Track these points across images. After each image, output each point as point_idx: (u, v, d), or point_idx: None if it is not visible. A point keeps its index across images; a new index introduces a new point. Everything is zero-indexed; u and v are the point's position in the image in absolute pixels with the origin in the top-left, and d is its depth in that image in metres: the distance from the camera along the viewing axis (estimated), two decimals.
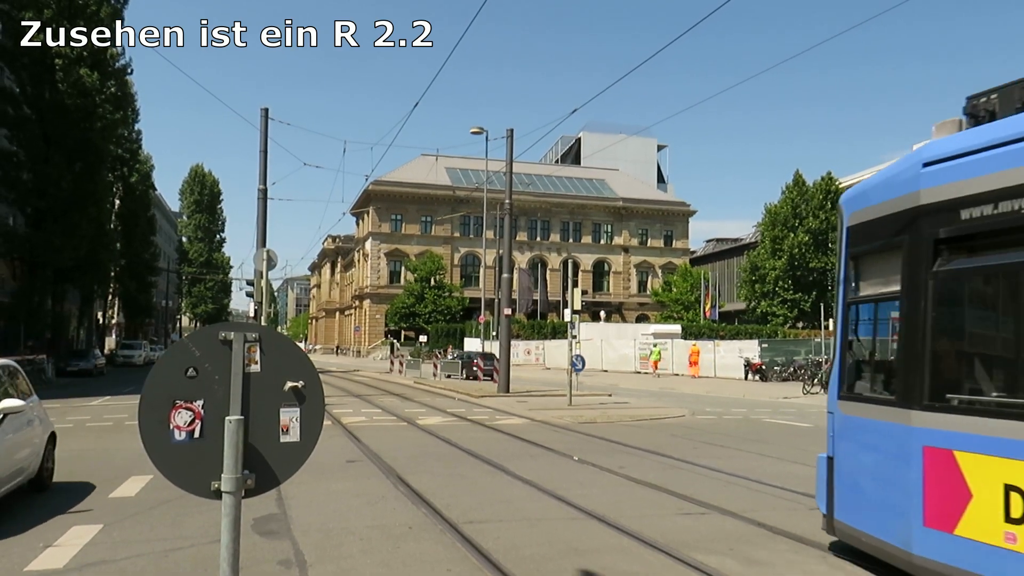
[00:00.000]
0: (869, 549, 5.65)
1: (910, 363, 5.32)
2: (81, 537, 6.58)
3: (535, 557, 6.15)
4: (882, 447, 5.60)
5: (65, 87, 34.90)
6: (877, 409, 5.69)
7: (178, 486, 3.21)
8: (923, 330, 5.23)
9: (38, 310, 38.49)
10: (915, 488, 5.08)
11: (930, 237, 5.21)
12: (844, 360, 6.26)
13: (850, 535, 5.88)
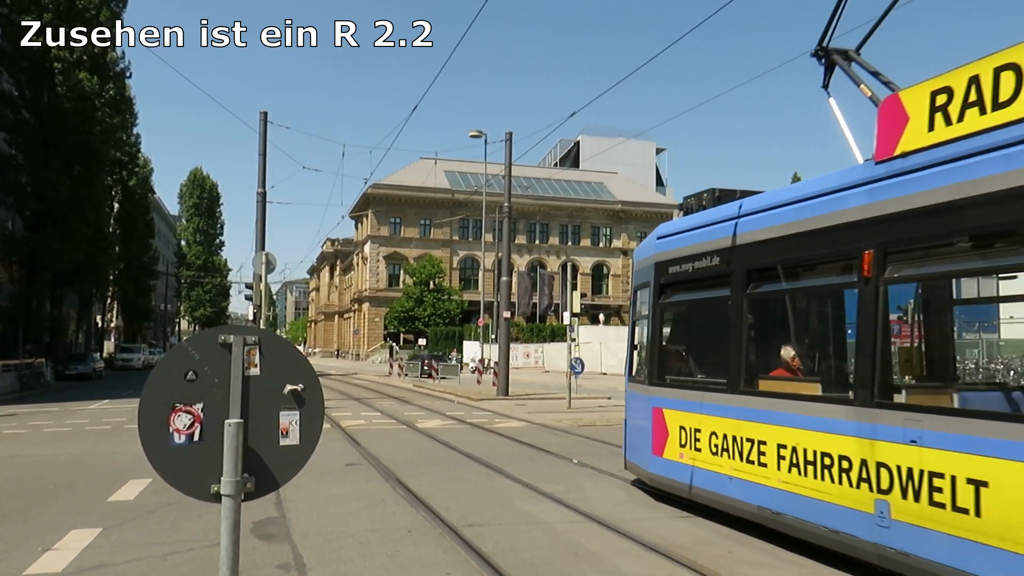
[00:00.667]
0: (634, 472, 9.37)
1: (650, 360, 8.94)
2: (80, 541, 6.57)
3: (535, 560, 6.14)
4: (639, 409, 9.09)
5: (64, 91, 34.91)
6: (639, 386, 9.20)
7: (177, 489, 3.21)
8: (653, 339, 8.97)
9: (37, 314, 38.46)
10: (648, 431, 8.63)
11: (657, 283, 8.78)
12: (629, 357, 9.86)
13: (630, 466, 9.45)
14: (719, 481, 7.43)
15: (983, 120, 5.09)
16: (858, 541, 5.72)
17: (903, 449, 5.40)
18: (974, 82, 5.22)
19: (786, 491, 6.52)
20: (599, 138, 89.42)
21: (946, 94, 5.43)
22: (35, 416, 19.04)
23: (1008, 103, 4.92)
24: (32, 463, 11.49)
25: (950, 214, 5.21)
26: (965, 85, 5.28)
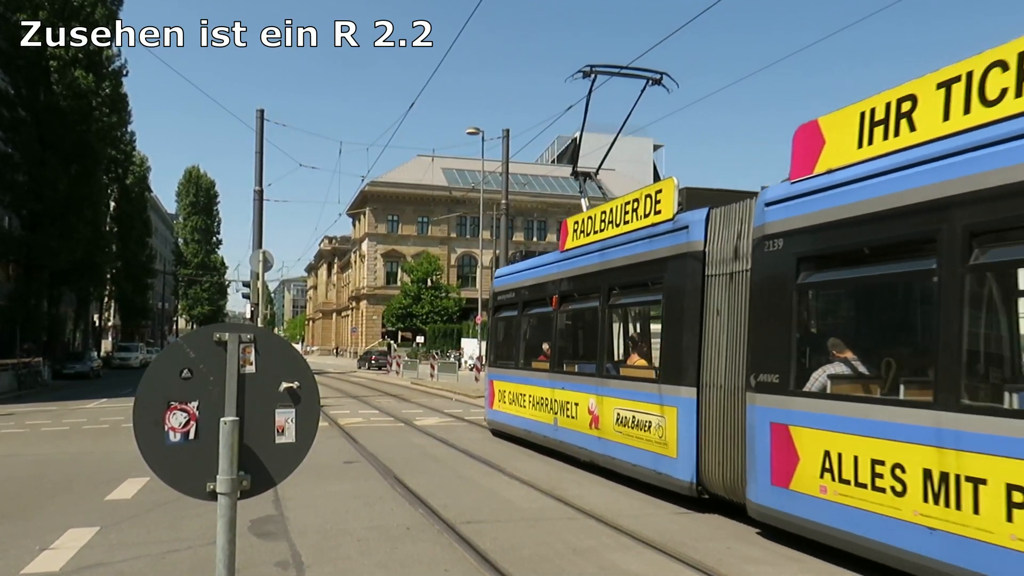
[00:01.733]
0: (489, 424, 14.76)
1: (486, 350, 17.35)
2: (78, 540, 6.56)
3: (533, 557, 6.14)
4: (491, 382, 14.70)
5: (60, 89, 34.83)
6: (490, 370, 15.16)
7: (173, 488, 3.21)
8: (489, 336, 16.23)
9: (34, 313, 38.40)
10: (489, 395, 14.63)
11: (493, 303, 15.21)
12: (487, 347, 16.90)
13: (488, 421, 14.88)
14: (505, 416, 13.82)
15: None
16: None
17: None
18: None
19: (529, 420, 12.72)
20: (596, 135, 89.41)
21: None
22: (33, 415, 19.01)
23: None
24: (30, 462, 11.48)
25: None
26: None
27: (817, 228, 6.44)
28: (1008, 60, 5.06)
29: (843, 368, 6.52)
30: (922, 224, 5.43)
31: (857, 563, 5.76)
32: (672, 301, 8.67)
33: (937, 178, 5.33)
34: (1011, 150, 4.86)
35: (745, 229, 7.47)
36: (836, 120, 6.54)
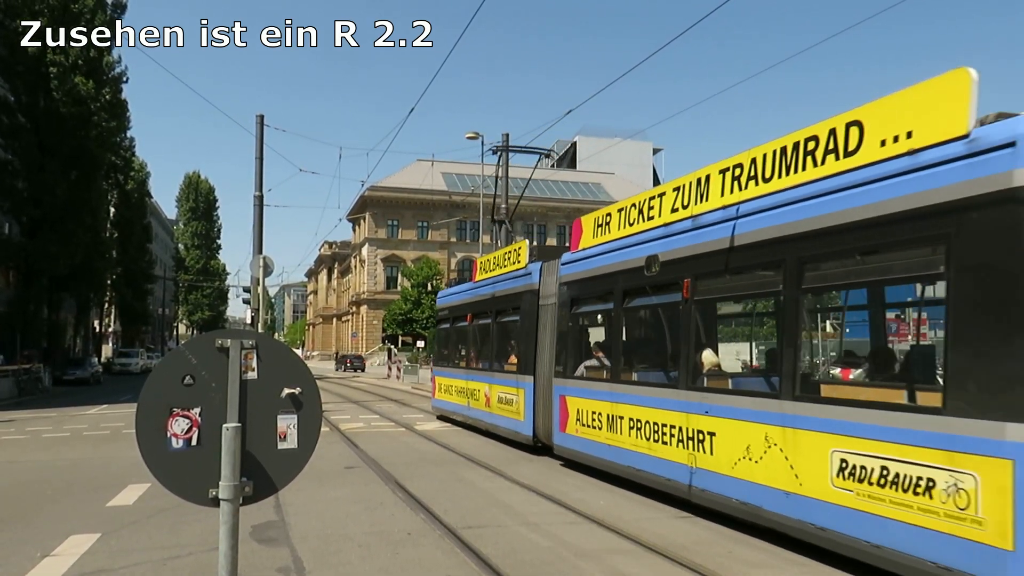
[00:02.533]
0: (434, 411, 19.31)
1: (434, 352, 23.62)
2: (79, 546, 6.56)
3: (535, 562, 6.14)
4: (434, 378, 19.63)
5: (60, 95, 34.82)
6: (434, 367, 20.26)
7: (175, 494, 3.21)
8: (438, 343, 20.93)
9: (34, 319, 38.39)
10: (433, 388, 19.55)
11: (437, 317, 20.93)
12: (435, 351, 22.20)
13: (433, 408, 19.43)
14: (442, 403, 18.46)
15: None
16: None
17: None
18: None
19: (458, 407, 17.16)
20: (596, 139, 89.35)
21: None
22: (33, 422, 19.00)
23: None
24: (31, 468, 11.48)
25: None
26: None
27: (576, 281, 11.17)
28: (647, 199, 9.46)
29: (594, 362, 10.91)
30: (608, 283, 10.06)
31: (856, 567, 5.75)
32: (523, 320, 13.12)
33: (612, 260, 9.99)
34: (634, 250, 9.40)
35: (554, 277, 12.00)
36: (586, 220, 11.24)
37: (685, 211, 8.44)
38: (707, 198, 8.09)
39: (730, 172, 7.77)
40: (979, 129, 5.14)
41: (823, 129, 6.49)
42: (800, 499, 6.20)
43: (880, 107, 5.98)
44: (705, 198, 8.12)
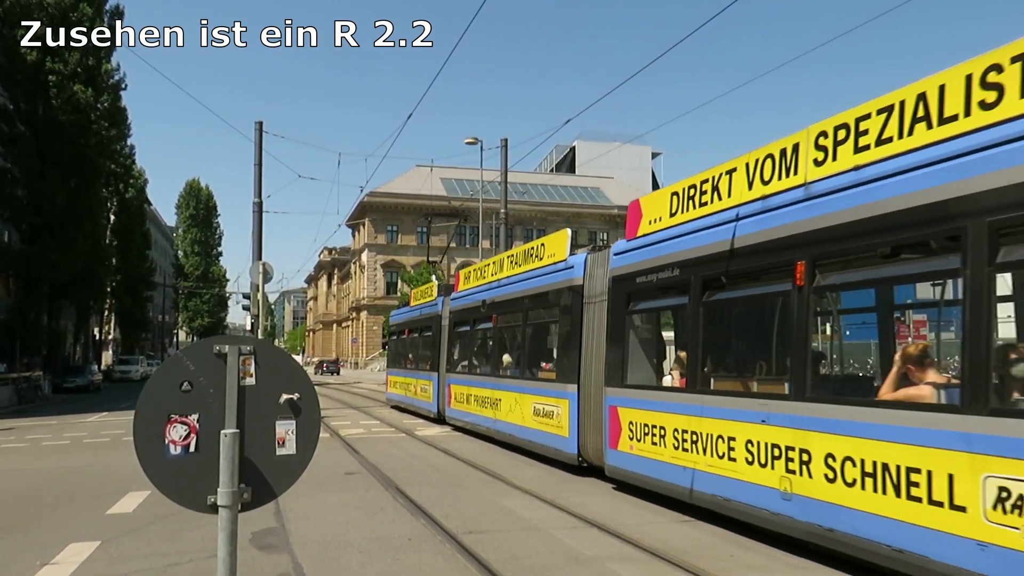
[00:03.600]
0: (387, 401, 25.51)
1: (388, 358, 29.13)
2: (79, 554, 6.54)
3: (536, 567, 6.12)
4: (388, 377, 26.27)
5: (59, 103, 34.89)
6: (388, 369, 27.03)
7: (174, 501, 3.20)
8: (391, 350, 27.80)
9: (34, 326, 38.37)
10: (386, 384, 26.37)
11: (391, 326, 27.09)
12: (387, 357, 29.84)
13: (386, 399, 25.75)
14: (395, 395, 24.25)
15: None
16: None
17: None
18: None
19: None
20: (595, 143, 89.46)
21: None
22: (33, 429, 18.98)
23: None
24: (30, 476, 11.46)
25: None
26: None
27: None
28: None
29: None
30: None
31: (856, 568, 5.74)
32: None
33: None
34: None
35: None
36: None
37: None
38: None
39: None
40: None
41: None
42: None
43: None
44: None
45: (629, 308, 9.61)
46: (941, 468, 5.02)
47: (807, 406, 6.30)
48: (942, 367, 6.38)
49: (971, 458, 4.82)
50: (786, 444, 6.45)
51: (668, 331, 10.67)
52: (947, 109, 5.32)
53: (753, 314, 8.66)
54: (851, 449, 5.75)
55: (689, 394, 8.08)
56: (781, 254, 6.80)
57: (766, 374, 7.70)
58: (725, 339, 9.15)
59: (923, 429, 5.20)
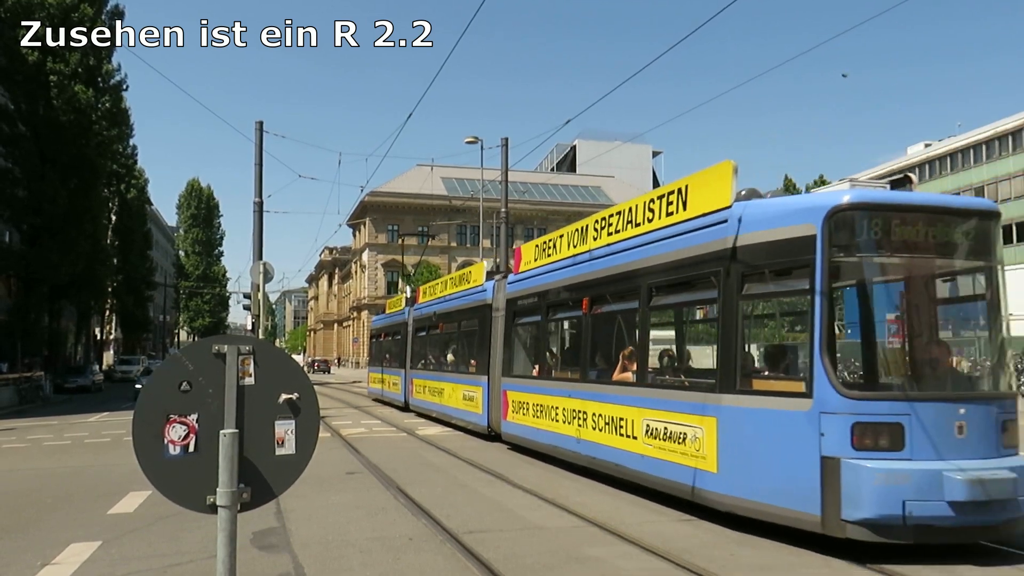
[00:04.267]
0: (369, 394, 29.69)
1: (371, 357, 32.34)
2: (80, 554, 6.54)
3: (536, 566, 6.12)
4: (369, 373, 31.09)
5: (60, 103, 34.89)
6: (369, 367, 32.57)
7: (173, 501, 3.20)
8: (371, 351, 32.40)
9: (35, 327, 38.41)
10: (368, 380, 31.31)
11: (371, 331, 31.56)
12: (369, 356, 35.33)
13: (368, 392, 30.30)
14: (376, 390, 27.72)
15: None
16: None
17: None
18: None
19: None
20: (595, 142, 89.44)
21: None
22: (34, 430, 18.99)
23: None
24: (31, 477, 11.46)
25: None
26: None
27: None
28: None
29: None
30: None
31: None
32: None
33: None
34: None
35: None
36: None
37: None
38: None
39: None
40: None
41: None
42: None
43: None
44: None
45: (514, 321, 13.89)
46: (629, 417, 9.16)
47: (585, 386, 10.60)
48: (637, 362, 9.47)
49: (640, 410, 8.95)
50: (578, 409, 10.60)
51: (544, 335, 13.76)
52: (635, 218, 9.66)
53: (569, 329, 12.80)
54: (602, 410, 9.92)
55: (538, 380, 12.54)
56: (578, 292, 11.06)
57: (571, 367, 11.70)
58: (557, 344, 13.19)
59: (624, 396, 9.41)
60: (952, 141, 68.15)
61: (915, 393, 6.67)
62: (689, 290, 8.68)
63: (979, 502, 6.05)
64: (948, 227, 7.02)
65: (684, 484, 7.96)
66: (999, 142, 62.37)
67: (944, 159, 68.08)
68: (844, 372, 8.29)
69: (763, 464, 6.99)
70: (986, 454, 6.45)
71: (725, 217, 7.71)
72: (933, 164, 69.33)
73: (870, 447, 6.28)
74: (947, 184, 67.08)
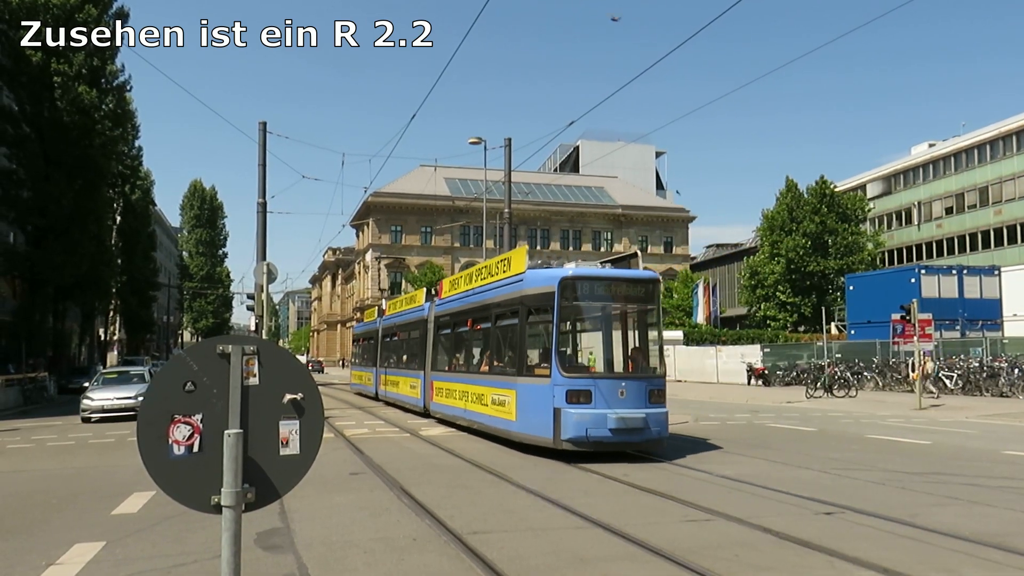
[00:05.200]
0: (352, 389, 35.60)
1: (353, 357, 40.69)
2: (84, 555, 6.54)
3: (540, 567, 6.11)
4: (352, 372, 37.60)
5: (64, 104, 34.96)
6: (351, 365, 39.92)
7: (178, 501, 3.19)
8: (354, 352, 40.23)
9: (39, 327, 38.48)
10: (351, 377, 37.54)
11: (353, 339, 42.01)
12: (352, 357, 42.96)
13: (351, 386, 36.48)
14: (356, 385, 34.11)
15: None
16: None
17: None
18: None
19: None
20: (598, 143, 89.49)
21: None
22: (38, 430, 19.03)
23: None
24: (35, 478, 11.48)
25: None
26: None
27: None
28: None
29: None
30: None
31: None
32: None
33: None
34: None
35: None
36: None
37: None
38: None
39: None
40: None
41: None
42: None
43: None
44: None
45: (438, 332, 19.30)
46: (485, 392, 14.72)
47: (468, 375, 16.41)
48: (488, 359, 15.28)
49: (488, 388, 14.71)
50: (464, 390, 16.22)
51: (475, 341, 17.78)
52: (490, 272, 15.51)
53: (461, 338, 17.87)
54: (474, 389, 15.53)
55: (447, 373, 18.06)
56: (465, 315, 16.67)
57: (462, 363, 17.44)
58: (457, 348, 18.35)
59: (482, 380, 15.19)
60: (956, 141, 67.99)
61: (598, 374, 12.67)
62: (510, 317, 13.99)
63: (624, 429, 11.73)
64: (626, 287, 13.14)
65: (504, 429, 13.79)
66: (1003, 142, 62.22)
67: (948, 159, 67.91)
68: (567, 363, 12.96)
69: (533, 414, 12.67)
70: (637, 406, 11.95)
71: (521, 278, 13.58)
72: (937, 164, 69.16)
73: (574, 402, 11.81)
74: (951, 184, 66.99)
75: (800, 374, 34.88)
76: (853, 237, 62.45)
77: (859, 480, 10.24)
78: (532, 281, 13.20)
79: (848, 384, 28.45)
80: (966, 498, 8.93)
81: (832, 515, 7.99)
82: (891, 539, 6.95)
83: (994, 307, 39.80)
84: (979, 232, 64.07)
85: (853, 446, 14.00)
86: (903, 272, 43.57)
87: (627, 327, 13.74)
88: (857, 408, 22.79)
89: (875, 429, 16.95)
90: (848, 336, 43.12)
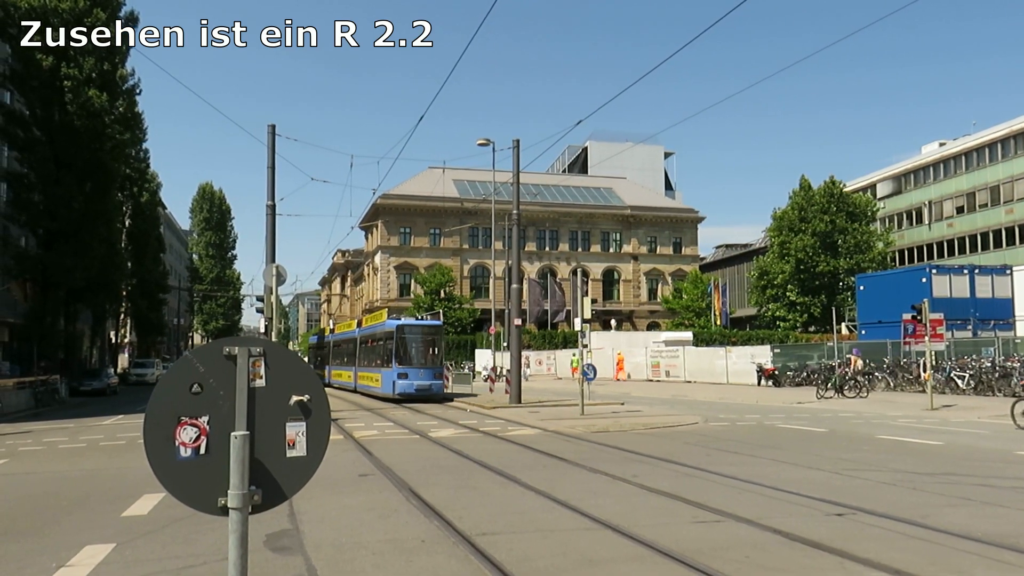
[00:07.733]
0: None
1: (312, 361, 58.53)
2: (94, 557, 6.57)
3: (549, 568, 6.09)
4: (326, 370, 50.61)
5: (74, 108, 35.17)
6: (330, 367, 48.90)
7: (184, 503, 3.19)
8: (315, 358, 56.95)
9: (51, 330, 38.72)
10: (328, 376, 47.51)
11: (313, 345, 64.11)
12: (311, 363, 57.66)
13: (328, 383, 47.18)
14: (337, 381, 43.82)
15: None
16: None
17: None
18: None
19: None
20: (607, 143, 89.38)
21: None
22: (50, 433, 19.12)
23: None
24: (47, 479, 11.54)
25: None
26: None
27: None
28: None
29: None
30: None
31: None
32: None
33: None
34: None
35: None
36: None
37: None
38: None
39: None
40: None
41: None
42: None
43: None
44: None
45: (333, 349, 44.53)
46: (377, 377, 31.56)
47: (359, 369, 35.78)
48: (362, 360, 35.59)
49: (361, 373, 35.56)
50: (354, 373, 36.58)
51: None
52: (368, 321, 37.12)
53: (349, 351, 38.53)
54: (362, 372, 35.50)
55: (342, 367, 40.15)
56: (352, 342, 37.99)
57: (351, 363, 37.92)
58: (347, 356, 39.21)
59: (364, 368, 35.36)
60: (967, 140, 67.63)
61: (409, 368, 28.57)
62: (382, 340, 30.73)
63: (421, 388, 28.33)
64: (428, 331, 30.09)
65: (380, 392, 30.28)
66: (1014, 141, 61.84)
67: (959, 158, 67.56)
68: (399, 361, 28.97)
69: (386, 384, 29.29)
70: (428, 379, 28.65)
71: (384, 324, 30.94)
72: (948, 163, 68.80)
73: (402, 378, 28.57)
74: (962, 183, 66.62)
75: (810, 375, 34.76)
76: (863, 237, 62.21)
77: (870, 481, 10.19)
78: (387, 325, 30.12)
79: (859, 385, 28.32)
80: (978, 499, 8.87)
81: (843, 516, 7.95)
82: (902, 540, 6.91)
83: (1006, 307, 39.56)
84: (990, 231, 63.72)
85: (864, 447, 13.94)
86: (914, 272, 43.39)
87: (425, 346, 29.43)
88: (868, 409, 22.69)
89: (886, 430, 16.87)
90: (859, 336, 42.95)
